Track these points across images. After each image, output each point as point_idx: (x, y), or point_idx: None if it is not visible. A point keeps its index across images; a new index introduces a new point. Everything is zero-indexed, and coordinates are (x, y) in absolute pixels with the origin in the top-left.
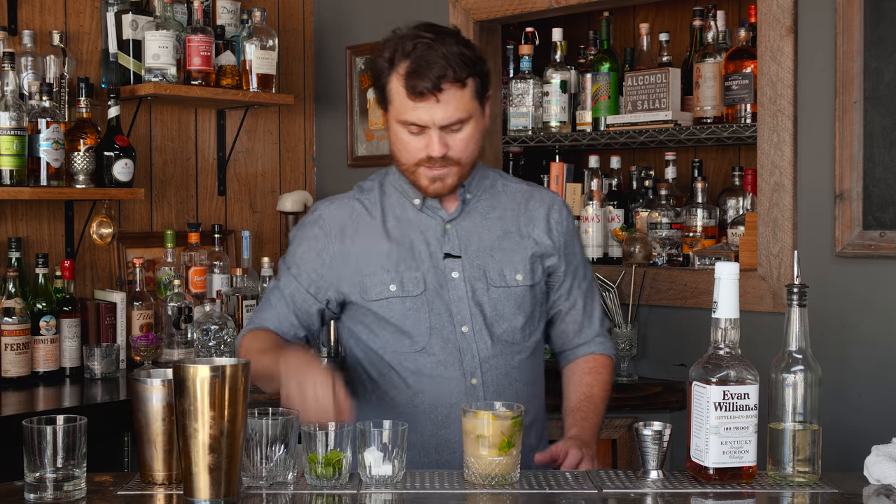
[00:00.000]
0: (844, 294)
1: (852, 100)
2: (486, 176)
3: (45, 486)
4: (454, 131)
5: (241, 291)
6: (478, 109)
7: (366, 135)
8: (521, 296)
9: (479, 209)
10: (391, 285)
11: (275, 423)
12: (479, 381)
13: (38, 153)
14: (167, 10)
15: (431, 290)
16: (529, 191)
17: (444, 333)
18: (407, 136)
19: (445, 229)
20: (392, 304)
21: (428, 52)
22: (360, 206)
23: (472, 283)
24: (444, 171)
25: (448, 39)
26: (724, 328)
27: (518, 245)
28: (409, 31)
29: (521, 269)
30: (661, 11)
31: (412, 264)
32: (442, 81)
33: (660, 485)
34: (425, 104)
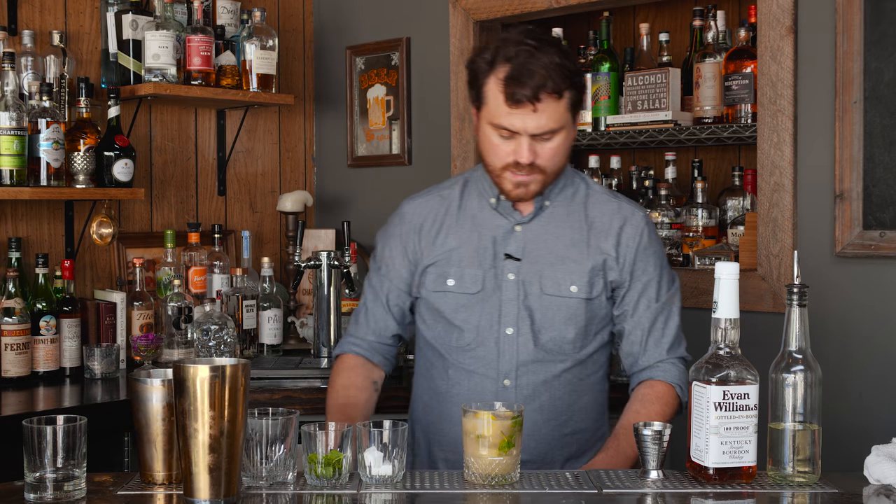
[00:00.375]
0: (844, 294)
1: (852, 100)
2: (572, 183)
3: (45, 486)
4: (544, 140)
5: (241, 291)
6: (570, 121)
7: (366, 135)
8: (573, 307)
9: (554, 216)
10: (449, 280)
11: (275, 423)
12: (512, 383)
13: (38, 153)
14: (167, 10)
15: (488, 289)
16: (610, 202)
17: (489, 332)
18: (497, 139)
19: (513, 230)
20: (447, 297)
21: (529, 59)
22: (440, 201)
23: (526, 287)
24: (530, 178)
25: (550, 49)
26: (724, 328)
27: (582, 256)
28: (513, 36)
29: (577, 281)
30: (661, 11)
31: (474, 261)
32: (540, 92)
33: (660, 485)
34: (520, 112)
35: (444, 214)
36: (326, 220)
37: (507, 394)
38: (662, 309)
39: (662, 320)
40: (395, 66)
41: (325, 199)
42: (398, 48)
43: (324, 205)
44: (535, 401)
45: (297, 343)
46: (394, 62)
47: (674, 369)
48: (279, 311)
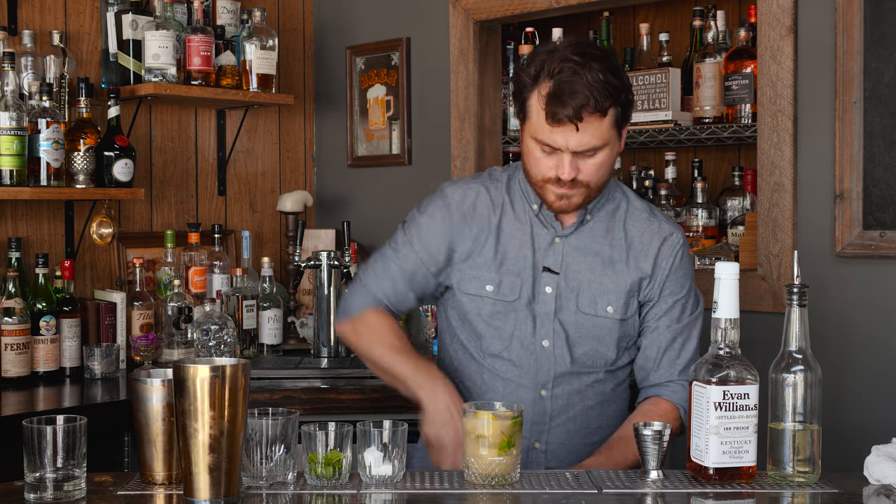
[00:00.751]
0: (844, 294)
1: (852, 100)
2: (613, 198)
3: (45, 486)
4: (587, 157)
5: (241, 291)
6: (615, 137)
7: (366, 135)
8: (607, 327)
9: (595, 232)
10: (488, 285)
11: (275, 423)
12: (548, 393)
13: (38, 153)
14: (167, 10)
15: (524, 299)
16: (650, 220)
17: (524, 343)
18: (539, 153)
19: (553, 242)
20: (483, 302)
21: (573, 78)
22: (486, 195)
23: (562, 303)
24: (572, 191)
25: (595, 65)
26: (724, 328)
27: (620, 275)
28: (559, 48)
29: (613, 302)
30: (661, 11)
31: (514, 269)
32: (583, 111)
33: (660, 485)
34: (562, 130)
35: (490, 212)
36: (326, 220)
37: (543, 403)
38: (683, 330)
39: (681, 341)
40: (395, 66)
41: (325, 199)
42: (398, 48)
43: (324, 205)
44: (570, 411)
45: (297, 343)
46: (394, 62)
47: (682, 391)
48: (279, 311)
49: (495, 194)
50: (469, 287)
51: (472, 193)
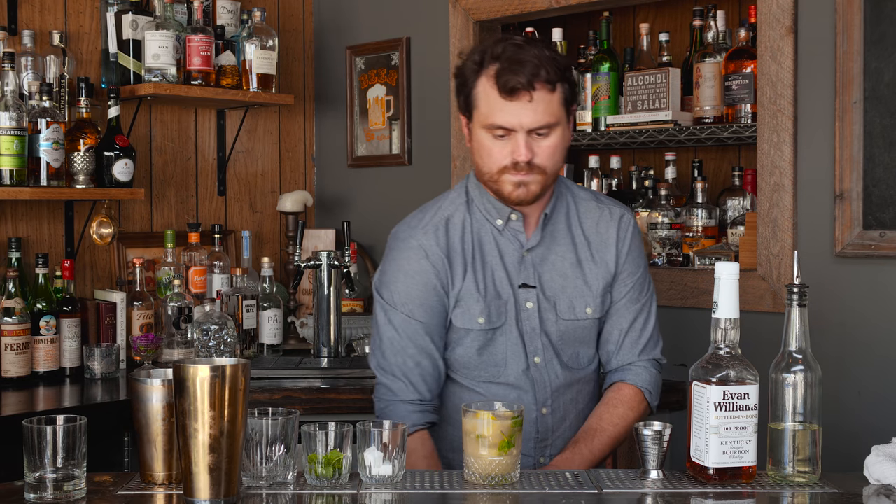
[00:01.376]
0: (844, 294)
1: (852, 100)
2: (561, 195)
3: (45, 486)
4: (541, 136)
5: (241, 291)
6: (564, 118)
7: (366, 135)
8: (588, 327)
9: (556, 236)
10: (480, 318)
11: (275, 423)
12: (548, 410)
13: (38, 153)
14: (167, 10)
15: (510, 320)
16: (600, 208)
17: (518, 364)
18: (491, 142)
19: (523, 257)
20: (475, 336)
21: (519, 52)
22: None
23: (543, 314)
24: (529, 177)
25: (538, 44)
26: (724, 328)
27: (591, 276)
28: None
29: (591, 303)
30: (661, 11)
31: (495, 293)
32: (535, 80)
33: (660, 485)
34: (515, 104)
35: (463, 246)
36: (326, 220)
37: (545, 420)
38: (641, 310)
39: (641, 321)
40: (395, 66)
41: (325, 199)
42: (398, 48)
43: (324, 205)
44: (567, 420)
45: (297, 343)
46: (394, 62)
47: (645, 373)
48: (279, 311)
49: (459, 222)
50: (461, 321)
51: (440, 232)
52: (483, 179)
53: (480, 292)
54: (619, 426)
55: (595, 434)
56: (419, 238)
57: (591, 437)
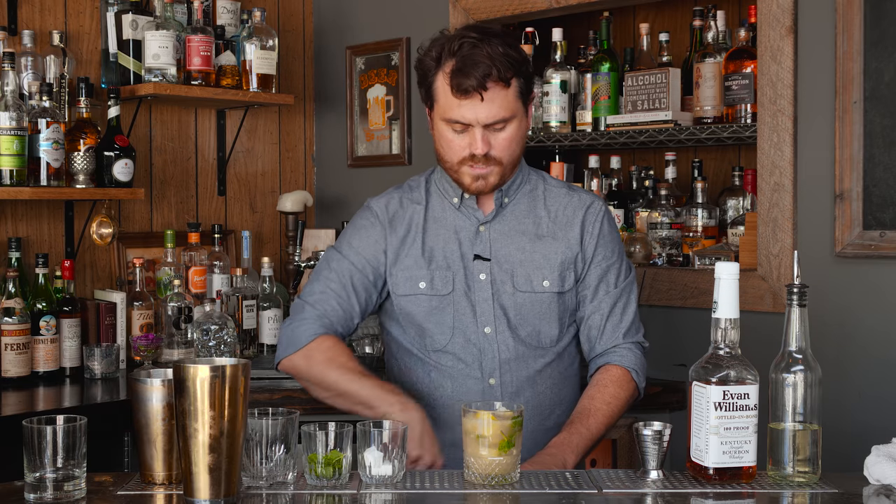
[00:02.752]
0: (844, 294)
1: (852, 100)
2: (529, 180)
3: (45, 486)
4: (497, 130)
5: (241, 291)
6: (521, 110)
7: (366, 135)
8: (546, 302)
9: (516, 213)
10: (421, 282)
11: (275, 423)
12: (497, 381)
13: (38, 153)
14: (167, 10)
15: (459, 290)
16: (569, 194)
17: (466, 333)
18: (451, 135)
19: (479, 231)
20: (419, 300)
21: (473, 51)
22: (407, 201)
23: (499, 286)
24: (487, 169)
25: (494, 40)
26: (724, 328)
27: (550, 250)
28: (458, 30)
29: (548, 276)
30: (661, 11)
31: (443, 263)
32: (487, 80)
33: (660, 485)
34: (470, 102)
35: (412, 215)
36: (326, 220)
37: (492, 392)
38: (621, 294)
39: (621, 306)
40: (395, 66)
41: (325, 199)
42: (398, 48)
43: (324, 205)
44: (520, 397)
45: None
46: (394, 62)
47: (630, 354)
48: (279, 311)
49: (415, 197)
50: (403, 288)
51: (393, 201)
52: (444, 167)
53: (425, 260)
54: (612, 405)
55: (589, 414)
56: (374, 203)
57: (587, 417)
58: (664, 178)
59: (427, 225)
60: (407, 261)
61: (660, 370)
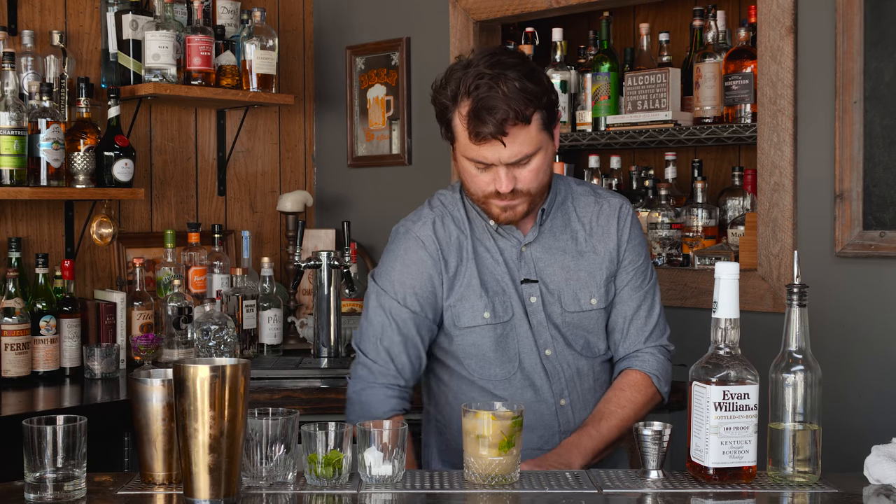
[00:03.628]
0: (844, 294)
1: (852, 100)
2: (559, 191)
3: (45, 486)
4: (522, 166)
5: (241, 291)
6: (546, 140)
7: (366, 135)
8: (595, 317)
9: (553, 230)
10: (485, 312)
11: (275, 423)
12: (567, 401)
13: (38, 153)
14: (167, 10)
15: (518, 315)
16: (599, 202)
17: (531, 358)
18: (474, 170)
19: (521, 252)
20: (484, 331)
21: (489, 93)
22: (451, 225)
23: (549, 308)
24: (515, 202)
25: (511, 74)
26: (724, 328)
27: (593, 266)
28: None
29: (595, 294)
30: (661, 11)
31: (499, 289)
32: (504, 125)
33: (660, 485)
34: (490, 146)
35: (459, 240)
36: (326, 220)
37: (564, 412)
38: (646, 297)
39: (646, 308)
40: (395, 66)
41: (325, 199)
42: (398, 48)
43: (324, 205)
44: (589, 410)
45: (297, 343)
46: (394, 62)
47: (652, 359)
48: (279, 311)
49: (458, 219)
50: (466, 320)
51: (438, 225)
52: (471, 199)
53: (483, 287)
54: (626, 408)
55: (602, 417)
56: (417, 230)
57: (599, 420)
58: (664, 178)
59: (475, 248)
60: (466, 291)
61: None
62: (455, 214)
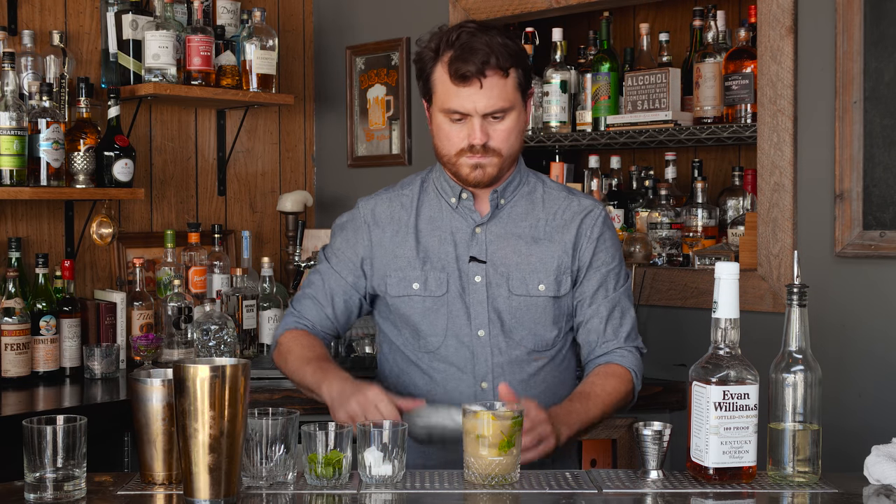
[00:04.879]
0: (844, 294)
1: (852, 100)
2: (527, 181)
3: (45, 486)
4: (495, 120)
5: (241, 291)
6: (520, 102)
7: (366, 135)
8: (542, 306)
9: (513, 215)
10: (414, 283)
11: (275, 423)
12: (489, 385)
13: (38, 153)
14: (167, 10)
15: (453, 292)
16: (568, 198)
17: (459, 336)
18: (449, 126)
19: (475, 232)
20: (413, 301)
21: (472, 39)
22: (397, 201)
23: (494, 289)
24: (486, 159)
25: (492, 31)
26: (724, 328)
27: (546, 254)
28: (455, 25)
29: (545, 280)
30: (661, 11)
31: (437, 265)
32: (486, 67)
33: (660, 485)
34: (468, 89)
35: (404, 215)
36: (326, 220)
37: (485, 396)
38: (619, 300)
39: (620, 310)
40: (395, 66)
41: (325, 199)
42: (398, 48)
43: (324, 205)
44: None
45: None
46: (394, 62)
47: (630, 356)
48: (279, 311)
49: (407, 200)
50: (396, 289)
51: (383, 202)
52: (442, 161)
53: (419, 260)
54: (612, 395)
55: (589, 397)
56: (362, 205)
57: (586, 399)
58: (664, 178)
59: (420, 225)
60: (400, 262)
61: (660, 370)
62: (406, 191)
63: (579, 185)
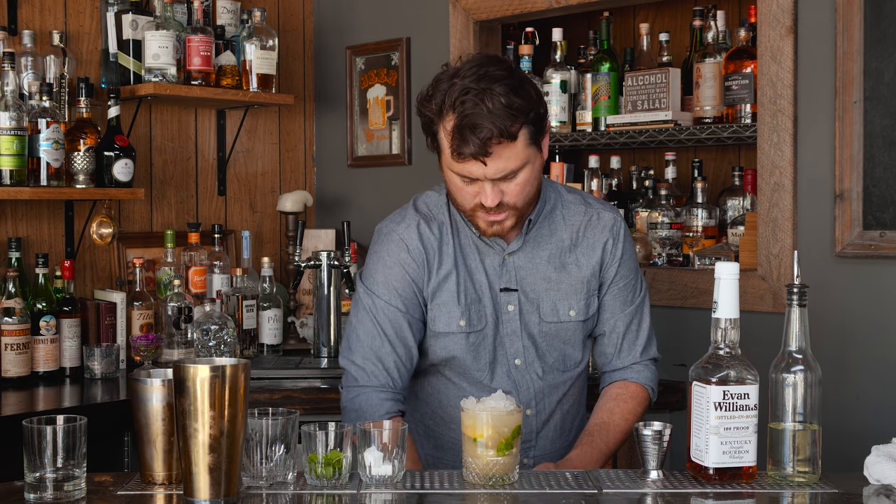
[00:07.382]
0: (844, 294)
1: (852, 100)
2: (548, 199)
3: (45, 486)
4: (508, 180)
5: (241, 291)
6: (534, 153)
7: (366, 135)
8: (573, 329)
9: (538, 238)
10: (461, 320)
11: (275, 423)
12: (533, 411)
13: (38, 153)
14: (167, 10)
15: (491, 323)
16: (588, 212)
17: (501, 367)
18: (460, 183)
19: (504, 260)
20: (458, 338)
21: (474, 110)
22: (436, 226)
23: (526, 317)
24: (501, 216)
25: (497, 89)
26: (724, 328)
27: (574, 276)
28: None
29: (574, 305)
30: (661, 11)
31: (475, 297)
32: (488, 145)
33: (660, 485)
34: (474, 163)
35: (440, 244)
36: (326, 220)
37: (529, 422)
38: (636, 312)
39: (636, 323)
40: (395, 66)
41: (325, 199)
42: (398, 48)
43: (324, 205)
44: (551, 421)
45: (297, 343)
46: (394, 62)
47: (646, 371)
48: (279, 311)
49: (442, 224)
50: (441, 325)
51: (423, 228)
52: (458, 210)
53: (461, 294)
54: (629, 420)
55: (609, 428)
56: (401, 232)
57: (606, 432)
58: (664, 178)
59: (456, 255)
60: (445, 296)
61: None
62: (440, 219)
63: (579, 185)
